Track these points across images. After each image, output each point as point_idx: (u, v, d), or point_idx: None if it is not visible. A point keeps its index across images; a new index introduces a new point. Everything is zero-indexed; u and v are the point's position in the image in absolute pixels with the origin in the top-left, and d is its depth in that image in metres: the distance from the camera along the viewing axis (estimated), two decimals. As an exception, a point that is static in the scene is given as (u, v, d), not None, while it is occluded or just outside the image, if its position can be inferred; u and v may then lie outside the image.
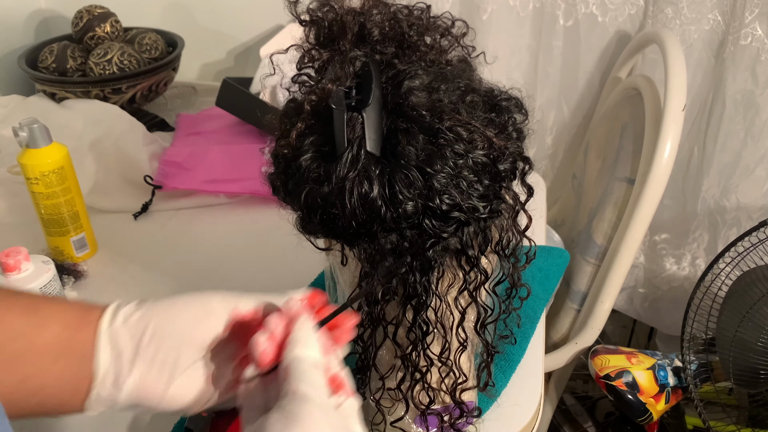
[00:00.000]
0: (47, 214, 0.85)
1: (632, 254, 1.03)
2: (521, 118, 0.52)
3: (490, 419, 0.64)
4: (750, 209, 1.25)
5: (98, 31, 1.26)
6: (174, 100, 1.40)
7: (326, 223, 0.48)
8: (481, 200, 0.47)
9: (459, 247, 0.48)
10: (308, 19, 0.51)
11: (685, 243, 1.32)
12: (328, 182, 0.46)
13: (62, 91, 1.19)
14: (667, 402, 1.02)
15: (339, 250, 0.53)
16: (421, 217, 0.46)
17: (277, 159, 0.51)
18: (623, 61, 1.21)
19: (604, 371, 1.01)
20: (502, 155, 0.48)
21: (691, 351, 1.03)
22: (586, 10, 1.21)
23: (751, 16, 1.09)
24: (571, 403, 1.39)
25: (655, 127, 0.99)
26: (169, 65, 1.25)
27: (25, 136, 0.81)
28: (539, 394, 0.70)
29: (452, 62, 0.53)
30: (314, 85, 0.50)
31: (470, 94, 0.49)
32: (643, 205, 0.98)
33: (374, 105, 0.46)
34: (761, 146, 1.19)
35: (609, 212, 1.10)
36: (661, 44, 1.03)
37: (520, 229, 0.52)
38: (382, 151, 0.46)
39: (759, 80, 1.14)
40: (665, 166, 0.96)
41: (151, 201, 1.01)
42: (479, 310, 0.53)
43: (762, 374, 0.93)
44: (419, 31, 0.52)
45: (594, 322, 1.07)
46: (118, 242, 0.94)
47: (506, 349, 0.71)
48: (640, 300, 1.40)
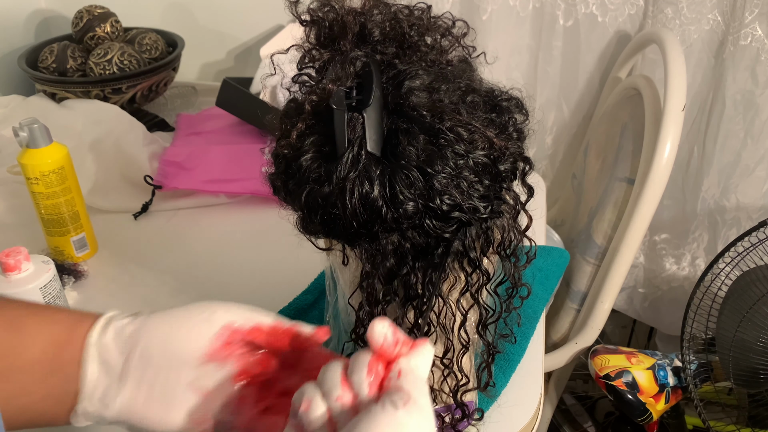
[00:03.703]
0: (47, 214, 0.85)
1: (632, 254, 1.03)
2: (522, 119, 0.52)
3: (490, 419, 0.64)
4: (750, 209, 1.25)
5: (98, 31, 1.26)
6: (174, 100, 1.39)
7: (327, 223, 0.48)
8: (482, 200, 0.47)
9: (461, 249, 0.48)
10: (309, 19, 0.51)
11: (685, 243, 1.32)
12: (328, 182, 0.46)
13: (62, 91, 1.19)
14: (666, 402, 1.02)
15: (340, 251, 0.53)
16: (422, 217, 0.46)
17: (277, 159, 0.51)
18: (623, 61, 1.21)
19: (604, 371, 1.01)
20: (503, 155, 0.48)
21: (690, 351, 1.03)
22: (586, 10, 1.21)
23: (751, 16, 1.09)
24: (571, 403, 1.39)
25: (655, 127, 0.99)
26: (169, 65, 1.25)
27: (25, 136, 0.81)
28: (539, 394, 0.70)
29: (453, 62, 0.53)
30: (315, 85, 0.50)
31: (471, 95, 0.49)
32: (643, 205, 0.99)
33: (375, 105, 0.46)
34: (761, 146, 1.19)
35: (609, 212, 1.10)
36: (661, 44, 1.03)
37: (521, 229, 0.52)
38: (382, 152, 0.46)
39: (759, 80, 1.14)
40: (665, 166, 0.96)
41: (151, 201, 1.01)
42: (481, 310, 0.53)
43: (762, 374, 0.93)
44: (420, 32, 0.52)
45: (594, 322, 1.07)
46: (118, 242, 0.94)
47: (506, 348, 0.71)
48: (640, 300, 1.40)
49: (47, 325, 0.40)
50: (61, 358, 0.39)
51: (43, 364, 0.39)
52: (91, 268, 0.88)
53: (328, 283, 0.61)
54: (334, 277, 0.58)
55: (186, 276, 0.87)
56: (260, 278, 0.86)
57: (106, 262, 0.90)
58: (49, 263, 0.73)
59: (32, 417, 0.40)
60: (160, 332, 0.40)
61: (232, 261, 0.91)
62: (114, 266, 0.90)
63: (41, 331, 0.40)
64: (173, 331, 0.40)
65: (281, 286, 0.80)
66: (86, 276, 0.87)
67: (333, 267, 0.57)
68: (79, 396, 0.39)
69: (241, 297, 0.82)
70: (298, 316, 0.77)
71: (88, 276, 0.87)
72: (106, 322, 0.41)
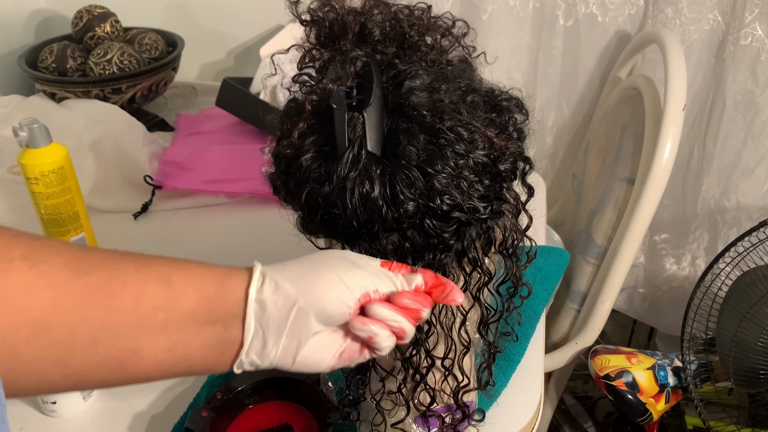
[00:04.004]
0: (47, 214, 0.85)
1: (632, 254, 1.03)
2: (522, 118, 0.52)
3: (490, 419, 0.64)
4: (750, 209, 1.25)
5: (98, 31, 1.26)
6: (174, 100, 1.39)
7: (327, 223, 0.48)
8: (482, 200, 0.47)
9: (461, 249, 0.48)
10: (309, 19, 0.51)
11: (685, 243, 1.32)
12: (329, 182, 0.46)
13: (62, 91, 1.19)
14: (667, 402, 1.02)
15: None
16: (422, 217, 0.46)
17: (277, 159, 0.51)
18: (623, 61, 1.21)
19: (604, 371, 1.01)
20: (503, 155, 0.48)
21: (691, 351, 1.03)
22: (586, 10, 1.21)
23: (751, 16, 1.09)
24: (571, 403, 1.39)
25: (655, 127, 0.99)
26: (169, 65, 1.25)
27: (25, 136, 0.81)
28: (539, 394, 0.70)
29: (453, 62, 0.53)
30: (315, 85, 0.50)
31: (471, 94, 0.49)
32: (643, 205, 0.98)
33: (375, 105, 0.46)
34: (761, 146, 1.19)
35: (609, 212, 1.10)
36: (661, 44, 1.03)
37: (522, 229, 0.52)
38: (382, 151, 0.46)
39: (759, 80, 1.14)
40: (665, 166, 0.96)
41: (151, 201, 1.01)
42: (482, 310, 0.53)
43: (762, 374, 0.93)
44: (420, 31, 0.52)
45: (594, 322, 1.07)
46: (118, 242, 0.94)
47: (506, 348, 0.72)
48: (640, 300, 1.40)
49: (194, 279, 0.42)
50: (215, 312, 0.42)
51: (196, 316, 0.41)
52: (91, 268, 0.88)
53: (329, 283, 0.60)
54: (334, 277, 0.58)
55: (186, 276, 0.87)
56: (260, 278, 0.86)
57: (106, 262, 0.90)
58: (49, 263, 0.73)
59: (190, 365, 0.42)
60: (314, 294, 0.43)
61: (232, 261, 0.90)
62: (114, 266, 0.90)
63: (190, 285, 0.42)
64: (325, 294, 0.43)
65: (281, 286, 0.80)
66: (86, 276, 0.87)
67: (333, 267, 0.57)
68: (243, 348, 0.42)
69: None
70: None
71: (88, 276, 0.87)
72: (261, 275, 0.44)
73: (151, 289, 0.41)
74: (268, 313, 0.42)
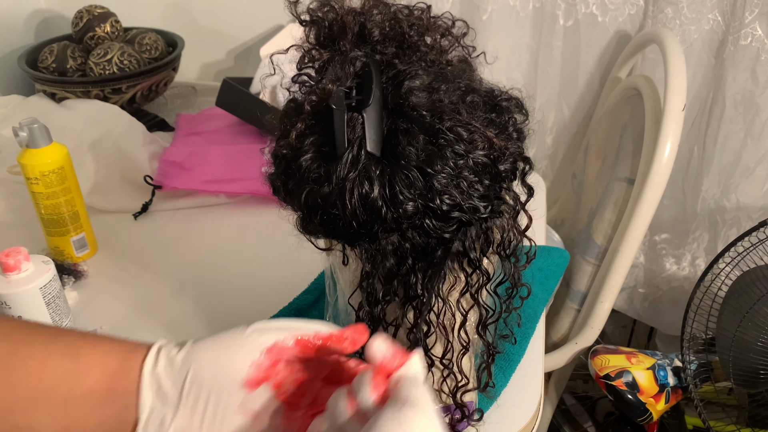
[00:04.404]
0: (47, 214, 0.85)
1: (632, 254, 1.03)
2: (521, 119, 0.52)
3: (489, 419, 0.64)
4: (750, 209, 1.25)
5: (98, 31, 1.26)
6: (174, 100, 1.39)
7: (327, 223, 0.48)
8: (482, 200, 0.47)
9: (461, 249, 0.48)
10: (308, 19, 0.51)
11: (685, 243, 1.32)
12: (328, 182, 0.46)
13: (62, 91, 1.19)
14: (667, 402, 1.02)
15: (339, 251, 0.53)
16: (422, 217, 0.46)
17: (277, 159, 0.51)
18: (623, 61, 1.21)
19: (604, 371, 1.01)
20: (503, 155, 0.48)
21: (691, 351, 1.03)
22: (586, 10, 1.21)
23: (751, 16, 1.09)
24: (571, 403, 1.39)
25: (655, 127, 0.99)
26: (169, 65, 1.25)
27: (25, 136, 0.81)
28: (539, 394, 0.70)
29: (452, 62, 0.53)
30: (314, 86, 0.50)
31: (471, 95, 0.49)
32: (643, 205, 0.98)
33: (374, 105, 0.46)
34: (761, 146, 1.19)
35: (609, 212, 1.10)
36: (661, 44, 1.03)
37: (521, 229, 0.52)
38: (382, 152, 0.46)
39: (759, 80, 1.14)
40: (665, 166, 0.96)
41: (151, 201, 1.01)
42: (481, 311, 0.53)
43: (762, 374, 0.93)
44: (420, 32, 0.52)
45: (594, 322, 1.07)
46: (118, 242, 0.94)
47: (506, 349, 0.71)
48: (640, 300, 1.40)
49: (102, 354, 0.41)
50: (116, 389, 0.40)
51: (97, 393, 0.40)
52: (91, 268, 0.88)
53: (328, 283, 0.61)
54: (334, 278, 0.58)
55: (186, 276, 0.87)
56: (260, 278, 0.86)
57: (106, 262, 0.90)
58: (49, 263, 0.73)
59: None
60: (209, 357, 0.40)
61: (232, 261, 0.91)
62: (114, 266, 0.90)
63: (97, 360, 0.40)
64: (221, 356, 0.41)
65: (281, 286, 0.80)
66: (86, 276, 0.87)
67: (333, 267, 0.57)
68: (139, 425, 0.40)
69: (241, 297, 0.82)
70: (298, 316, 0.77)
71: (87, 276, 0.87)
72: (157, 351, 0.41)
73: (56, 362, 0.39)
74: (165, 388, 0.40)
